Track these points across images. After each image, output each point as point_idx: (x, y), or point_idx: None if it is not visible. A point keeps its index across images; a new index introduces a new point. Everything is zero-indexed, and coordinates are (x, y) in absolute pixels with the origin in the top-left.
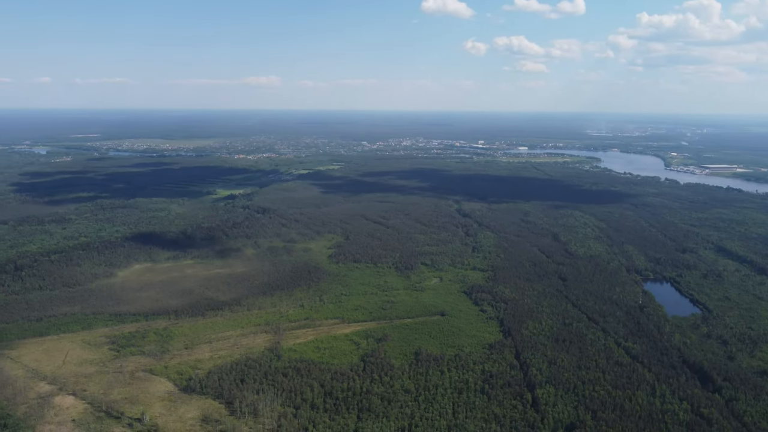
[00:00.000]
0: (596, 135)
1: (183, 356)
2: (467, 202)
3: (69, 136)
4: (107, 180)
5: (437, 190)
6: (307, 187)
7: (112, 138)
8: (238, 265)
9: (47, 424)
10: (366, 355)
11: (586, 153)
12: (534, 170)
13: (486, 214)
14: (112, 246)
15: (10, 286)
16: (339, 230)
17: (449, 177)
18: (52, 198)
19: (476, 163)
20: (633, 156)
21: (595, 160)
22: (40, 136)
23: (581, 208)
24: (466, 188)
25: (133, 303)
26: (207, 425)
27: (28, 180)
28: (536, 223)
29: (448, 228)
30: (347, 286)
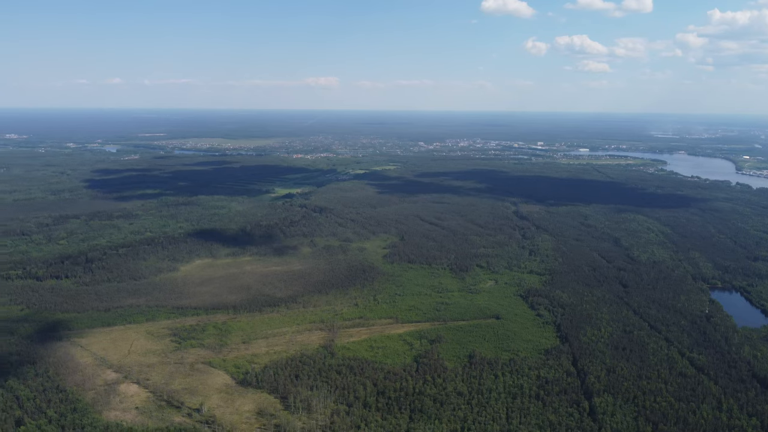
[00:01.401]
0: (662, 137)
1: (240, 350)
2: (525, 205)
3: (137, 135)
4: (172, 178)
5: (494, 192)
6: (363, 186)
7: (177, 137)
8: (294, 262)
9: (113, 410)
10: (419, 356)
11: (650, 155)
12: (595, 172)
13: (544, 217)
14: (175, 241)
15: (81, 277)
16: (394, 230)
17: (507, 178)
18: (121, 194)
19: (535, 165)
20: (701, 159)
21: (660, 163)
22: (111, 135)
23: (645, 213)
24: (523, 190)
25: (194, 297)
26: (262, 419)
27: (98, 177)
28: (596, 227)
29: (505, 230)
30: (401, 286)
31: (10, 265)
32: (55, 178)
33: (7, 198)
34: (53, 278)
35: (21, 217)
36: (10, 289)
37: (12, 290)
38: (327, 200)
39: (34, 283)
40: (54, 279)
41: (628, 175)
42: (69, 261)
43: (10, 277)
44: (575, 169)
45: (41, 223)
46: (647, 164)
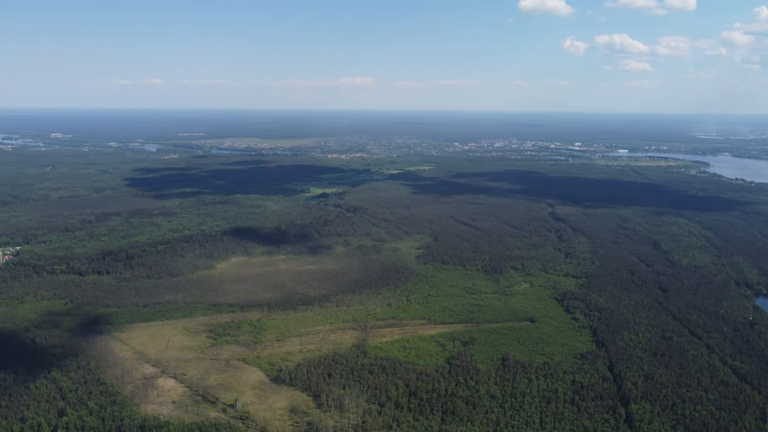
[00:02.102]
0: (704, 138)
1: (274, 348)
2: (561, 206)
3: (176, 135)
4: (209, 177)
5: (530, 193)
6: (397, 187)
7: (214, 137)
8: (328, 262)
9: (150, 403)
10: (452, 358)
11: (692, 157)
12: (634, 174)
13: (581, 219)
14: (212, 239)
15: (121, 273)
16: (428, 231)
17: (543, 179)
18: (160, 192)
19: (572, 166)
20: (746, 161)
21: (702, 165)
22: (151, 135)
23: (686, 216)
24: (560, 191)
25: (229, 294)
26: (295, 416)
27: (139, 175)
28: (635, 230)
29: (541, 232)
30: (435, 287)
31: (54, 260)
32: (98, 177)
33: (52, 195)
34: (95, 274)
35: (65, 214)
36: (55, 284)
37: (56, 284)
38: (361, 200)
39: (77, 278)
40: (96, 274)
41: (668, 177)
42: (110, 257)
43: (54, 272)
44: (613, 170)
45: (84, 219)
46: (689, 166)
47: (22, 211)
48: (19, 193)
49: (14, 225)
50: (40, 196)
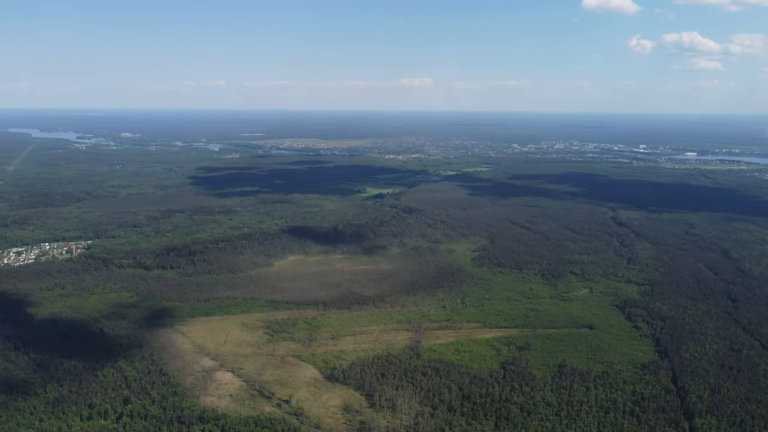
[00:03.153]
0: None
1: (329, 346)
2: (624, 210)
3: (238, 135)
4: (269, 176)
5: (591, 196)
6: (453, 188)
7: (274, 137)
8: (383, 262)
9: (209, 396)
10: (507, 363)
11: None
12: (703, 178)
13: (645, 224)
14: (271, 237)
15: (184, 268)
16: (484, 233)
17: (605, 183)
18: (221, 191)
19: (636, 169)
20: None
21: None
22: (214, 135)
23: (759, 222)
24: (623, 195)
25: (286, 292)
26: (348, 414)
27: (202, 174)
28: (703, 236)
29: (601, 236)
30: (490, 290)
31: (122, 254)
32: (163, 175)
33: (122, 192)
34: (159, 268)
35: (133, 211)
36: (122, 277)
37: (124, 278)
38: (417, 201)
39: (142, 272)
40: (160, 269)
41: (740, 182)
42: (174, 253)
43: (122, 265)
44: (680, 174)
45: (150, 216)
46: (763, 170)
47: (93, 207)
48: (91, 190)
49: (86, 220)
50: (110, 193)
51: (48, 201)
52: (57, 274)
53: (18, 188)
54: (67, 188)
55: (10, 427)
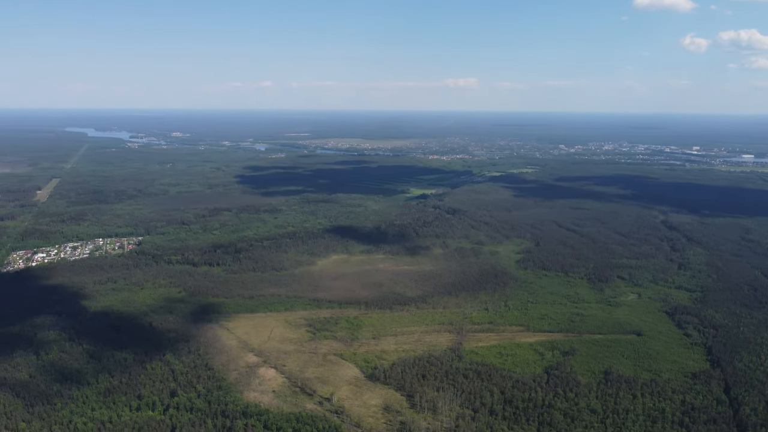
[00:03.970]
0: None
1: (370, 345)
2: (675, 214)
3: (284, 135)
4: (313, 176)
5: (640, 199)
6: (498, 189)
7: (319, 137)
8: (426, 263)
9: (252, 391)
10: (550, 368)
11: None
12: (761, 182)
13: (697, 228)
14: (314, 236)
15: (230, 265)
16: (529, 235)
17: (655, 185)
18: (267, 190)
19: (688, 171)
20: None
21: None
22: (261, 135)
23: None
24: (674, 198)
25: (329, 291)
26: (388, 414)
27: (249, 173)
28: (760, 242)
29: (651, 241)
30: (534, 293)
31: (171, 251)
32: (211, 174)
33: (171, 190)
34: (206, 265)
35: (182, 208)
36: (171, 273)
37: (172, 273)
38: (461, 202)
39: (190, 268)
40: (207, 266)
41: None
42: (220, 250)
43: (171, 261)
44: (736, 177)
45: (198, 214)
46: None
47: (144, 205)
48: (143, 188)
49: (138, 217)
50: (161, 190)
51: (102, 198)
52: (109, 268)
53: (74, 185)
54: (120, 186)
55: (64, 415)
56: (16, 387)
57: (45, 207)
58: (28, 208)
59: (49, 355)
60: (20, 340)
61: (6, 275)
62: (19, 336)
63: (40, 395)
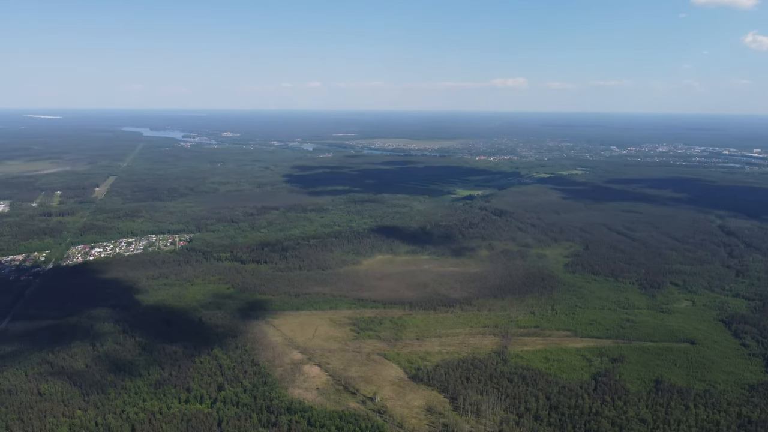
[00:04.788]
0: None
1: (414, 346)
2: (733, 219)
3: (331, 135)
4: (359, 176)
5: (696, 203)
6: (546, 191)
7: (366, 137)
8: (471, 264)
9: (296, 388)
10: (598, 374)
11: None
12: None
13: (757, 234)
14: (359, 236)
15: (277, 263)
16: (578, 238)
17: (712, 188)
18: (314, 189)
19: (748, 175)
20: None
21: None
22: (308, 135)
23: None
24: (732, 202)
25: (373, 290)
26: (431, 416)
27: (296, 173)
28: None
29: (707, 246)
30: (582, 298)
31: (220, 248)
32: (260, 173)
33: (221, 189)
34: (254, 262)
35: (231, 206)
36: (220, 269)
37: (221, 270)
38: (507, 203)
39: (238, 265)
40: (254, 263)
41: None
42: (268, 248)
43: (220, 258)
44: None
45: (247, 212)
46: None
47: (196, 202)
48: (194, 186)
49: (189, 214)
50: (211, 189)
51: (156, 195)
52: (162, 264)
53: (130, 183)
54: (173, 184)
55: (117, 404)
56: (74, 376)
57: (102, 204)
58: (86, 204)
59: (104, 346)
60: (78, 331)
61: (65, 268)
62: (76, 327)
63: (95, 384)
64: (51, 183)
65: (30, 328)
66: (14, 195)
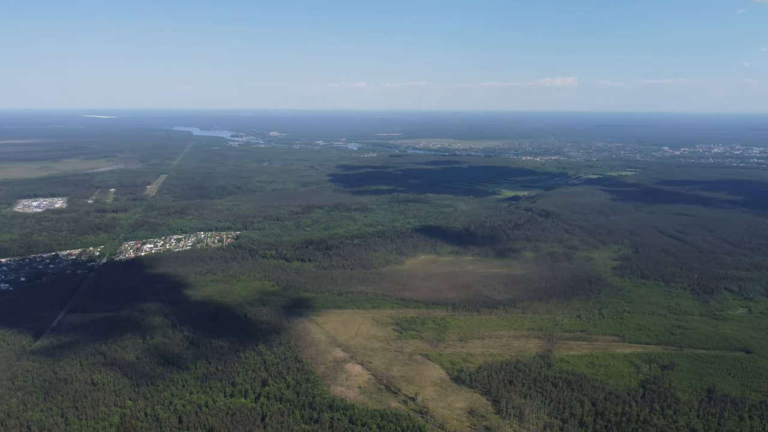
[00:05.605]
0: None
1: (456, 347)
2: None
3: (376, 135)
4: (403, 175)
5: (753, 206)
6: (594, 192)
7: (411, 137)
8: (515, 266)
9: (339, 386)
10: (647, 381)
11: None
12: None
13: None
14: (403, 236)
15: (321, 262)
16: (627, 241)
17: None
18: (358, 189)
19: None
20: None
21: None
22: (353, 134)
23: None
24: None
25: (416, 290)
26: (473, 418)
27: (341, 172)
28: None
29: (764, 251)
30: (631, 302)
31: (266, 246)
32: (305, 172)
33: (268, 187)
34: (298, 260)
35: (277, 205)
36: (265, 267)
37: (266, 267)
38: (554, 204)
39: (283, 263)
40: (299, 261)
41: None
42: (312, 246)
43: (265, 256)
44: None
45: (292, 211)
46: None
47: (242, 201)
48: (242, 185)
49: (236, 212)
50: (258, 187)
51: (204, 193)
52: (209, 260)
53: (180, 181)
54: (221, 182)
55: (165, 396)
56: (125, 367)
57: (153, 201)
58: (138, 201)
59: (154, 339)
60: (129, 324)
61: (118, 263)
62: (128, 320)
63: (144, 376)
64: (106, 180)
65: (85, 320)
66: (72, 192)
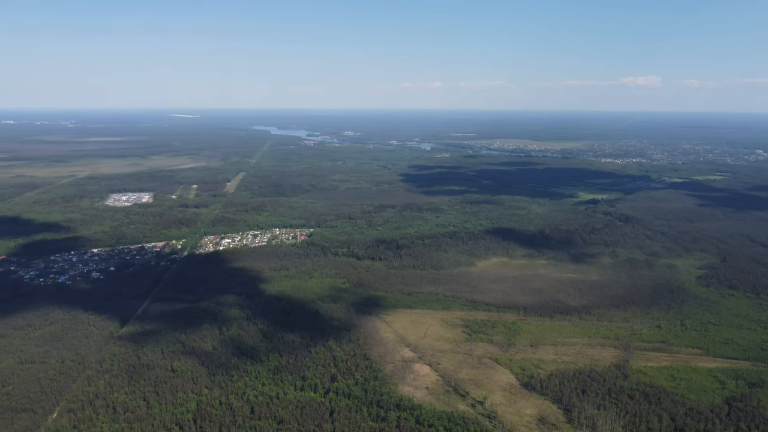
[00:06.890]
0: None
1: (527, 353)
2: None
3: (449, 135)
4: (477, 176)
5: None
6: (679, 197)
7: (485, 137)
8: (591, 272)
9: (406, 385)
10: (732, 399)
11: None
12: None
13: None
14: (474, 238)
15: (391, 261)
16: (713, 249)
17: None
18: (430, 189)
19: None
20: None
21: None
22: (427, 134)
23: None
24: None
25: (486, 293)
26: (543, 426)
27: (413, 172)
28: None
29: None
30: (717, 314)
31: (338, 243)
32: (378, 171)
33: (341, 186)
34: (369, 259)
35: (350, 204)
36: (337, 264)
37: (338, 265)
38: (635, 209)
39: (354, 261)
40: (370, 260)
41: None
42: (383, 245)
43: (337, 253)
44: None
45: (365, 210)
46: None
47: (317, 199)
48: (316, 183)
49: (311, 210)
50: (332, 186)
51: (280, 191)
52: (284, 256)
53: (257, 179)
54: (296, 180)
55: (239, 386)
56: (202, 356)
57: (232, 197)
58: (218, 198)
59: (230, 330)
60: (207, 315)
61: (198, 256)
62: (206, 311)
63: (220, 366)
64: (188, 177)
65: (166, 310)
66: (157, 187)
